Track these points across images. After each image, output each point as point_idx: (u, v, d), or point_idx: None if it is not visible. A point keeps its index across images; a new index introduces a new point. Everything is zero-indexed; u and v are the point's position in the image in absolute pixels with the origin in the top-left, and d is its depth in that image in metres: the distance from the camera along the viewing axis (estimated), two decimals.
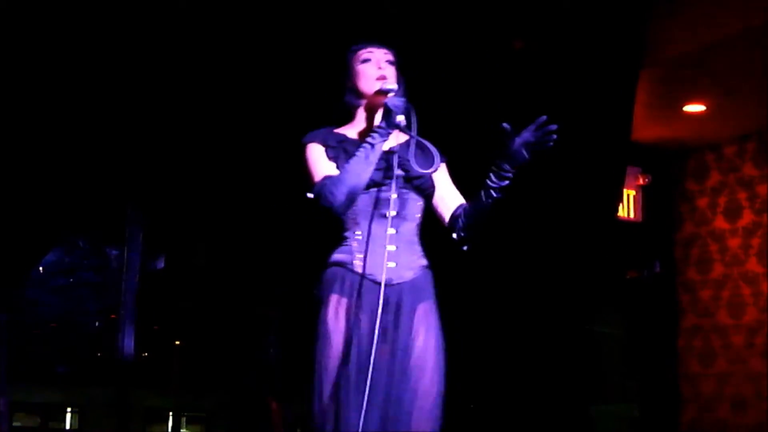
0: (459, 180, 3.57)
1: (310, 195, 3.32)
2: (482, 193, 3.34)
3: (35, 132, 5.94)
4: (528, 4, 6.30)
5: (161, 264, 8.23)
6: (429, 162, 3.37)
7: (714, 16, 6.49)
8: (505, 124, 3.27)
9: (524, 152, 3.26)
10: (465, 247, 3.47)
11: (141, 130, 6.18)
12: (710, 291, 9.20)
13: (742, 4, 6.35)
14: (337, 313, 3.29)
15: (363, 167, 3.24)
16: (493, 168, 3.31)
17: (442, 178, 3.54)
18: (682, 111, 8.37)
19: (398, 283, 3.31)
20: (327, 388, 3.22)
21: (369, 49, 3.49)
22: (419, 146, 3.37)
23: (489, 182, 3.31)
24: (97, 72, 5.88)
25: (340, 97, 3.53)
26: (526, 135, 3.26)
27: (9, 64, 5.73)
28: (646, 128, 8.32)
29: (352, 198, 3.27)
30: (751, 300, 8.83)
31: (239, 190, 6.54)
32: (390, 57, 3.50)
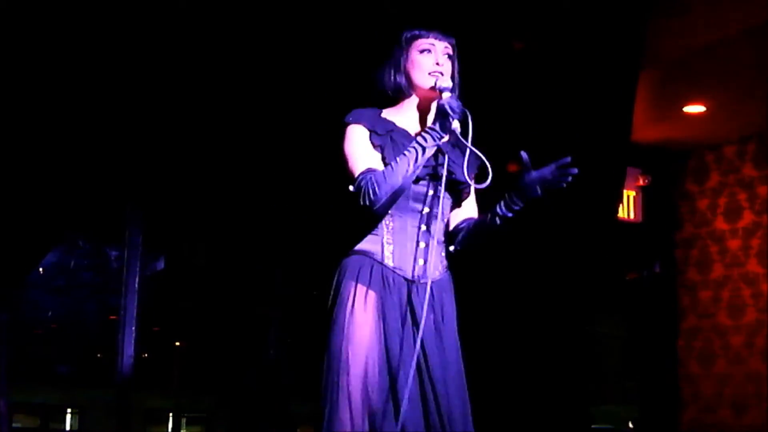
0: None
1: (351, 188, 3.19)
2: (488, 216, 3.32)
3: (36, 133, 5.95)
4: (528, 5, 6.30)
5: (161, 265, 8.24)
6: (478, 172, 3.29)
7: (714, 16, 6.50)
8: (523, 154, 3.21)
9: (537, 188, 3.20)
10: (451, 249, 3.40)
11: (141, 130, 6.19)
12: (710, 292, 9.21)
13: (742, 5, 6.35)
14: (365, 304, 3.19)
15: (410, 169, 3.14)
16: (505, 197, 3.27)
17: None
18: (682, 112, 8.37)
19: (425, 282, 3.21)
20: (355, 383, 3.12)
21: (430, 40, 3.34)
22: (472, 155, 3.24)
23: (497, 209, 3.29)
24: (97, 72, 5.88)
25: (388, 80, 3.37)
26: (545, 172, 3.19)
27: (9, 65, 5.73)
28: (646, 129, 8.33)
29: (394, 200, 3.19)
30: (751, 301, 8.85)
31: (239, 190, 6.54)
32: (450, 51, 3.36)
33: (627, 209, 9.34)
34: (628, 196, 9.35)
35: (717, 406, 8.97)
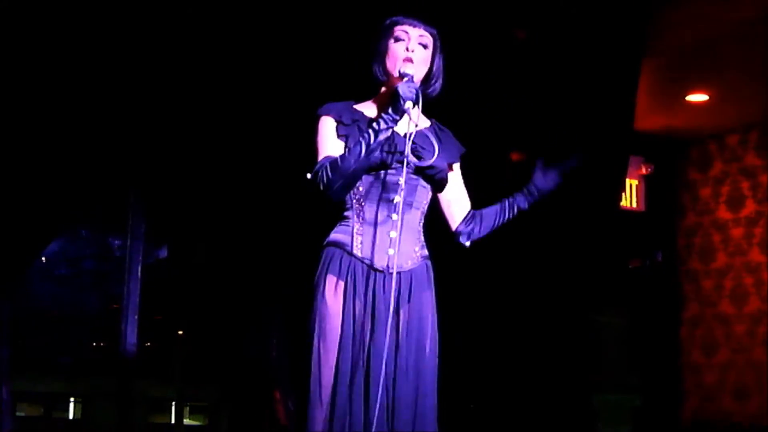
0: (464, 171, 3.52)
1: (308, 175, 3.21)
2: (505, 209, 3.45)
3: (40, 124, 5.95)
4: None
5: (164, 253, 8.24)
6: (441, 154, 3.26)
7: (717, 5, 6.48)
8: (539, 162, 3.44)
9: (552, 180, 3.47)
10: (467, 245, 3.45)
11: (143, 120, 6.19)
12: (713, 280, 9.21)
13: None
14: (334, 295, 3.18)
15: (363, 153, 3.13)
16: (524, 191, 3.45)
17: (454, 178, 3.46)
18: (685, 101, 8.37)
19: (396, 273, 3.18)
20: (325, 373, 3.13)
21: (405, 27, 3.31)
22: (425, 137, 3.27)
23: (514, 201, 3.43)
24: (99, 66, 5.88)
25: (368, 68, 3.38)
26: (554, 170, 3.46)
27: (10, 55, 5.73)
28: (648, 118, 8.32)
29: (348, 185, 3.19)
30: (754, 289, 8.85)
31: (242, 179, 6.54)
32: (426, 39, 3.32)
33: (629, 198, 9.34)
34: (631, 185, 9.34)
35: (719, 395, 8.98)
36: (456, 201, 3.47)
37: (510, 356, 6.60)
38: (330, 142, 3.28)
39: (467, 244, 3.43)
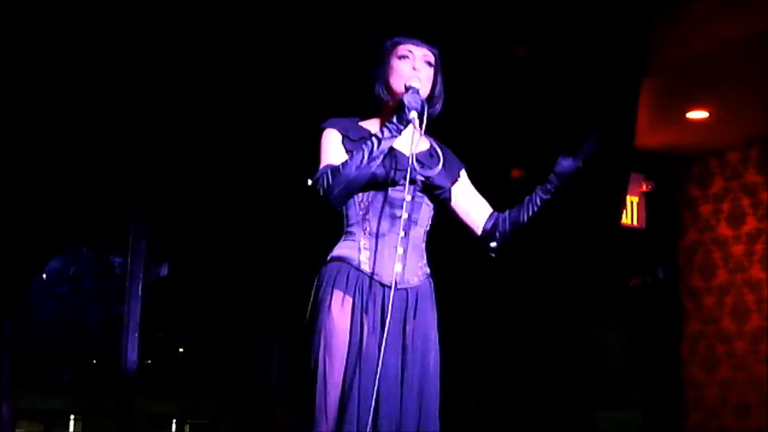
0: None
1: (309, 182, 3.21)
2: (527, 206, 3.40)
3: (38, 139, 5.95)
4: (531, 13, 6.31)
5: (165, 271, 8.24)
6: (439, 167, 3.27)
7: (716, 22, 6.50)
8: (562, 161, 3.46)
9: (572, 163, 3.46)
10: (494, 245, 3.44)
11: (143, 137, 6.19)
12: (714, 297, 9.19)
13: (745, 11, 6.35)
14: (342, 310, 3.18)
15: (365, 162, 3.14)
16: (544, 185, 3.41)
17: (465, 187, 3.49)
18: (685, 117, 8.37)
19: (402, 288, 3.21)
20: (331, 389, 3.12)
21: (409, 46, 3.34)
22: (428, 154, 3.30)
23: (535, 194, 3.39)
24: (99, 78, 5.89)
25: (370, 88, 3.39)
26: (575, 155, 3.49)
27: (10, 74, 5.74)
28: (649, 135, 8.32)
29: (348, 192, 3.20)
30: (755, 306, 8.83)
31: (243, 196, 6.54)
32: (430, 57, 3.36)
33: (630, 215, 9.34)
34: (632, 202, 9.34)
35: (721, 412, 8.95)
36: (474, 207, 3.48)
37: (510, 374, 6.59)
38: (334, 152, 3.28)
39: (494, 245, 3.42)
